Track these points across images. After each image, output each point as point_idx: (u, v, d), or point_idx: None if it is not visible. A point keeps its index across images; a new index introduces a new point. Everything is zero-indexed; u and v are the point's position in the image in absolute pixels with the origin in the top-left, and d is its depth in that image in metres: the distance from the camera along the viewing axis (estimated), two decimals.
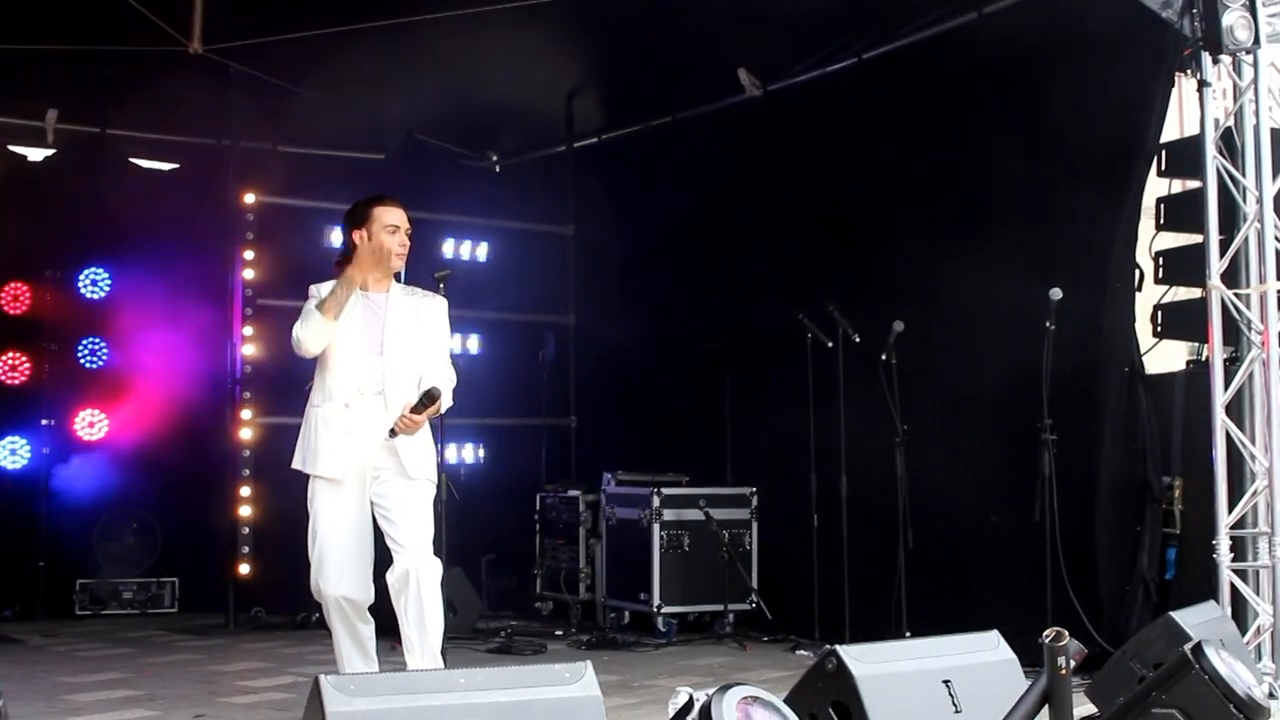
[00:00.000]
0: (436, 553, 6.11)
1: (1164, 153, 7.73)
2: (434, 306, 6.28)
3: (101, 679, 7.70)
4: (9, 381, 10.43)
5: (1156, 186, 7.87)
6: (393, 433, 6.00)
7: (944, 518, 8.33)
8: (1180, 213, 7.68)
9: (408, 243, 6.19)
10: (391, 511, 6.01)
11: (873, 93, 9.06)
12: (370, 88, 10.03)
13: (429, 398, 5.99)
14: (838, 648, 4.81)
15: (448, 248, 11.06)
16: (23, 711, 6.35)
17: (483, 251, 11.32)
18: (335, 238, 10.45)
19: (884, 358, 8.23)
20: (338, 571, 6.00)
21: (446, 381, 6.16)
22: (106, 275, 10.76)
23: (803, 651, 8.44)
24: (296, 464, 6.15)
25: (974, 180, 8.48)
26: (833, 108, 9.34)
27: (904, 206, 8.87)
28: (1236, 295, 7.16)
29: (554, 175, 11.52)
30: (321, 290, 6.11)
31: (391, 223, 6.14)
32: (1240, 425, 7.14)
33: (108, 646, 9.04)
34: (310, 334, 5.98)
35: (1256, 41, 7.08)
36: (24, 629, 9.75)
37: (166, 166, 11.11)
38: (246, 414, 10.02)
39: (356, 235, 6.13)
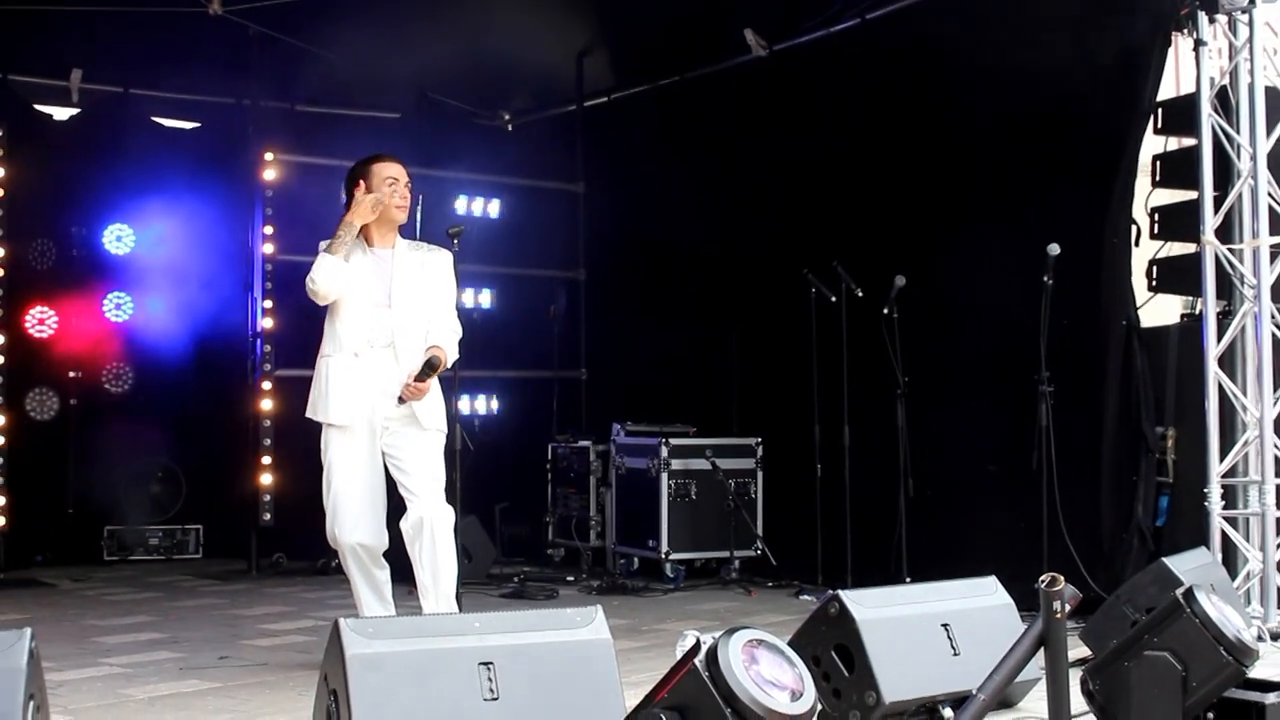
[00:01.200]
0: (451, 501, 6.14)
1: (1161, 111, 7.69)
2: (439, 260, 6.31)
3: (129, 622, 7.75)
4: (36, 335, 10.44)
5: (1153, 144, 7.85)
6: (401, 401, 6.05)
7: (943, 467, 8.37)
8: (1176, 170, 7.65)
9: (408, 195, 6.23)
10: (404, 461, 6.06)
11: (877, 52, 9.03)
12: (385, 48, 9.98)
13: (429, 367, 6.04)
14: (840, 593, 4.83)
15: (460, 204, 11.03)
16: (53, 653, 6.39)
17: (495, 208, 11.30)
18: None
19: (885, 312, 8.23)
20: (352, 519, 6.05)
21: (451, 334, 6.21)
22: (131, 232, 10.76)
23: (806, 596, 8.47)
24: (309, 412, 6.21)
25: (976, 137, 8.46)
26: (838, 67, 9.31)
27: (907, 163, 8.85)
28: (1230, 250, 7.16)
29: (565, 134, 11.49)
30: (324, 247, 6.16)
31: (390, 175, 6.18)
32: (1232, 377, 7.17)
33: (135, 591, 9.10)
34: (322, 275, 6.01)
35: (1252, 1, 7.05)
36: (54, 574, 9.82)
37: (188, 125, 11.10)
38: (266, 367, 10.02)
39: (357, 191, 6.18)
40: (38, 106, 10.54)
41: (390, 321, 6.12)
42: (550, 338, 11.09)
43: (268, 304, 10.05)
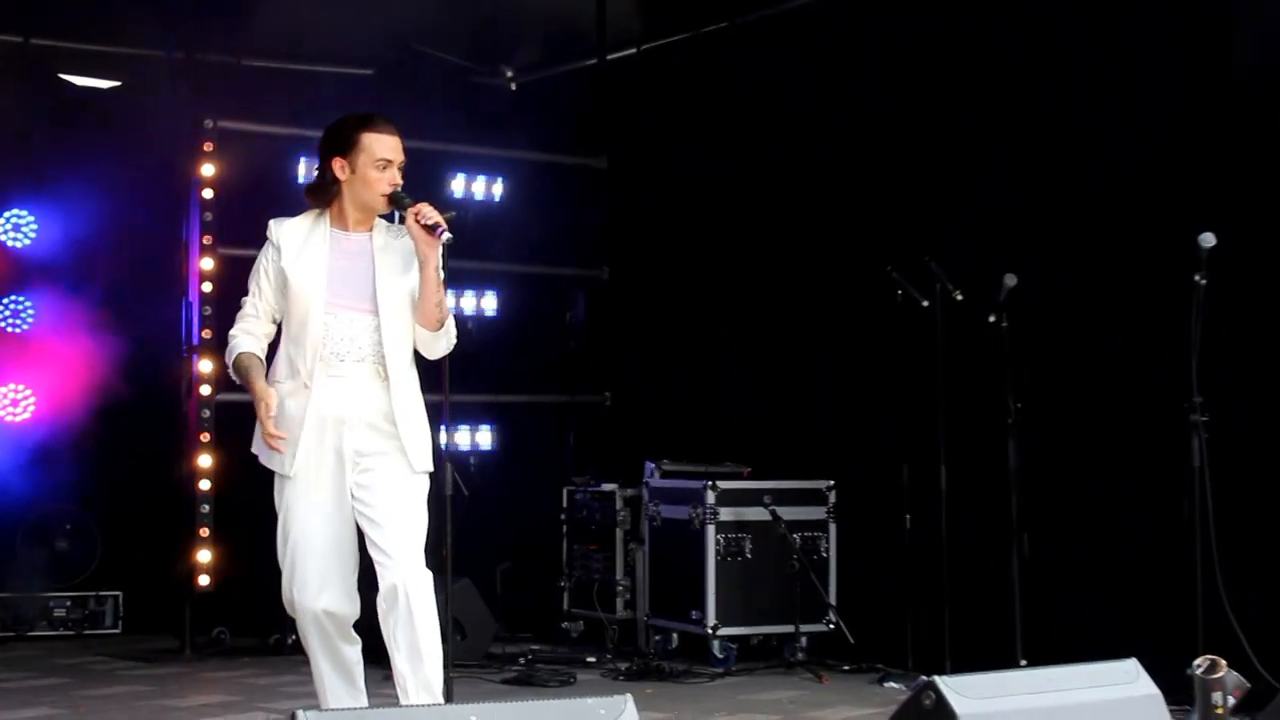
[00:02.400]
0: (438, 561, 6.11)
1: None
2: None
3: (26, 717, 7.74)
4: None
5: None
6: (432, 228, 5.89)
7: (1068, 517, 8.32)
8: None
9: (399, 181, 6.07)
10: (375, 510, 5.93)
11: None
12: None
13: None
14: (937, 679, 4.80)
15: (457, 185, 11.05)
16: None
17: (497, 190, 11.32)
18: (308, 170, 10.48)
19: (993, 319, 8.20)
20: (316, 579, 5.96)
21: (445, 341, 6.13)
22: (32, 219, 10.79)
23: (893, 684, 8.45)
24: (255, 450, 6.10)
25: (1106, 103, 8.42)
26: (926, 7, 9.29)
27: (1018, 135, 8.81)
28: None
29: (583, 95, 11.50)
30: (278, 236, 6.08)
31: (382, 155, 6.04)
32: None
33: (34, 676, 9.10)
34: (230, 364, 6.11)
35: None
36: None
37: (105, 84, 11.14)
38: (206, 389, 10.03)
39: (337, 165, 6.04)
40: None
41: (376, 329, 6.00)
42: (566, 353, 11.08)
43: (207, 310, 10.06)
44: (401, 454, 5.97)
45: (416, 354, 6.12)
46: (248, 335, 6.06)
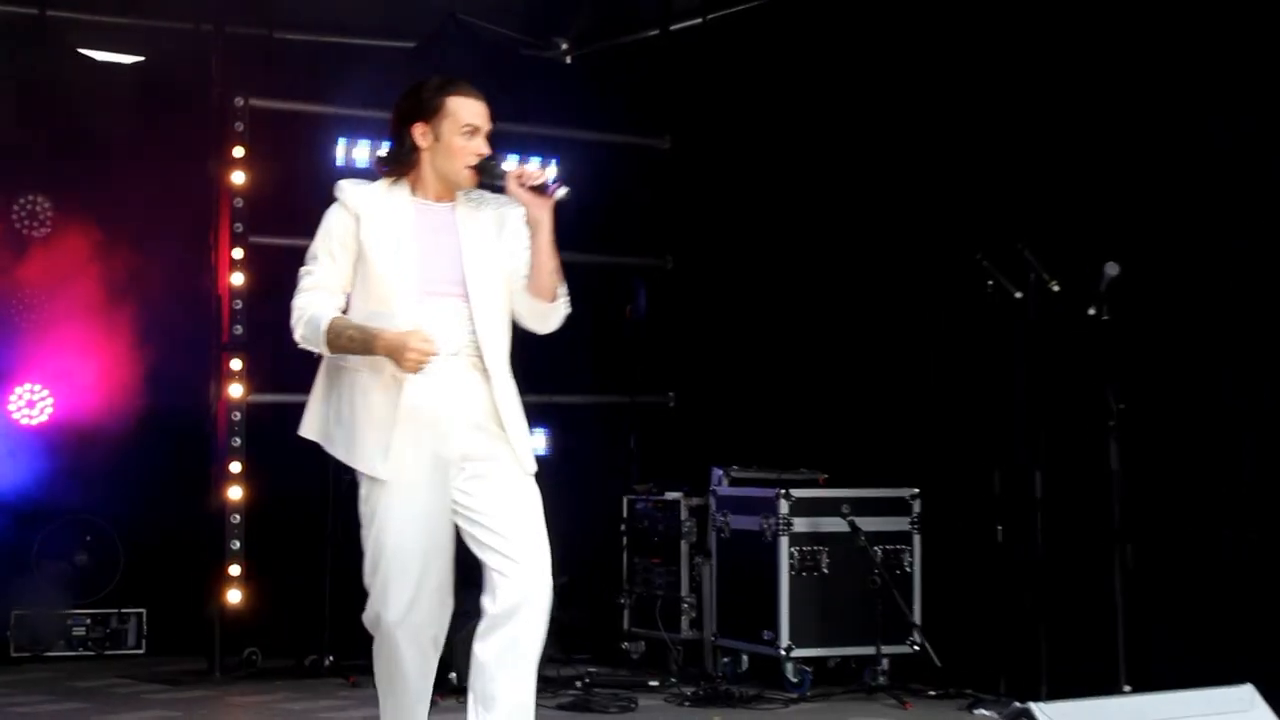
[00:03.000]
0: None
1: None
2: (516, 216, 5.98)
3: None
4: None
5: None
6: (541, 189, 5.76)
7: (1176, 527, 8.28)
8: None
9: (486, 150, 5.91)
10: (494, 518, 5.76)
11: None
12: None
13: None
14: (1033, 705, 4.78)
15: (506, 168, 11.05)
16: None
17: (550, 171, 11.32)
18: (359, 153, 10.52)
19: (1092, 312, 8.16)
20: (408, 597, 5.83)
21: (560, 313, 6.07)
22: (48, 205, 10.85)
23: (984, 711, 8.42)
24: (325, 443, 5.98)
25: (1219, 77, 8.37)
26: None
27: (1121, 109, 8.77)
28: None
29: (645, 69, 11.49)
30: (355, 200, 5.87)
31: (469, 121, 5.88)
32: None
33: (52, 700, 9.15)
34: (309, 336, 5.82)
35: None
36: None
37: (129, 60, 11.19)
38: (237, 389, 10.07)
39: (418, 132, 5.88)
40: None
41: (468, 317, 5.83)
42: (626, 349, 11.08)
43: (238, 304, 10.10)
44: (513, 456, 5.86)
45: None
46: (325, 305, 5.82)
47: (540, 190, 5.74)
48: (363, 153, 10.52)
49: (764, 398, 10.53)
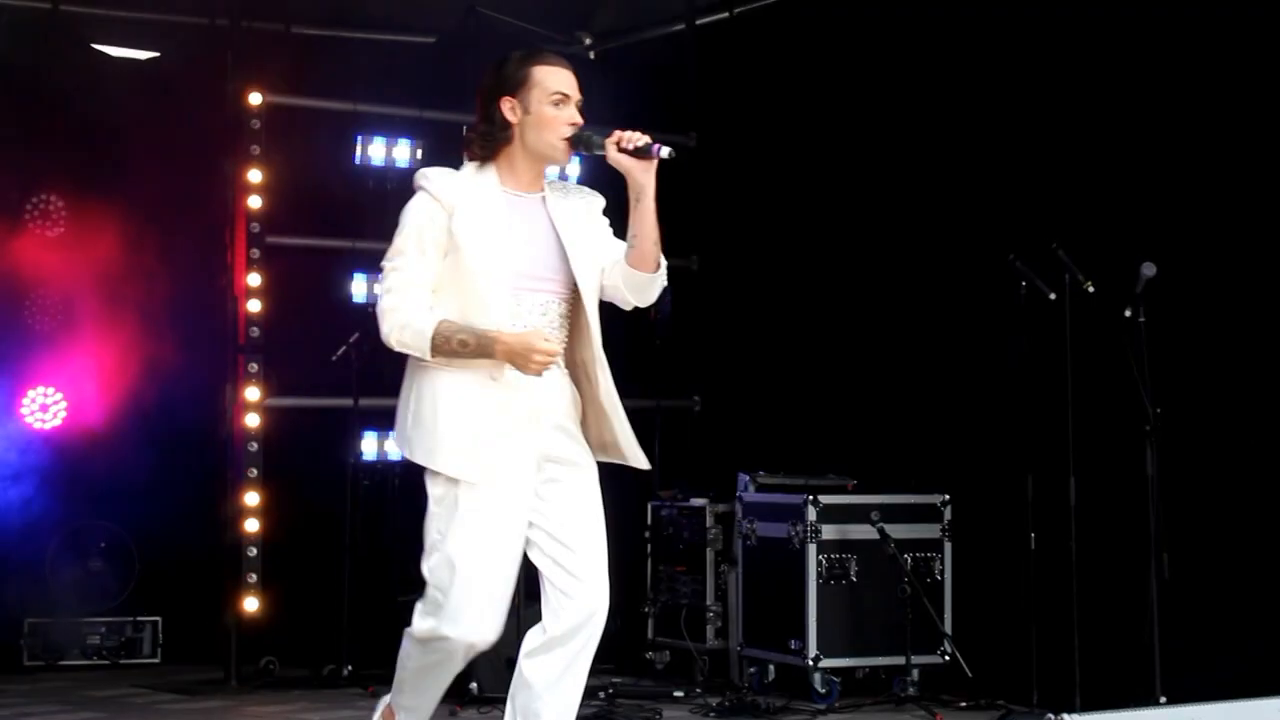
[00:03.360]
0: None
1: None
2: (600, 207, 5.95)
3: None
4: None
5: None
6: (643, 150, 5.69)
7: (1214, 535, 8.27)
8: None
9: (580, 122, 5.74)
10: (562, 526, 5.65)
11: None
12: None
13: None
14: (1066, 717, 4.78)
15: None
16: None
17: (573, 170, 11.32)
18: (373, 152, 10.54)
19: (1128, 314, 8.14)
20: (477, 609, 5.58)
21: (660, 283, 6.01)
22: (62, 205, 10.87)
23: None
24: (405, 448, 5.80)
25: (1258, 72, 8.35)
26: None
27: (1156, 105, 8.75)
28: None
29: (669, 64, 11.49)
30: (445, 190, 5.64)
31: (558, 89, 5.68)
32: None
33: (66, 710, 9.16)
34: (412, 343, 5.51)
35: None
36: None
37: (143, 55, 11.22)
38: (253, 392, 10.09)
39: (507, 106, 5.66)
40: None
41: (562, 313, 5.71)
42: (650, 351, 11.07)
43: (254, 306, 10.11)
44: (590, 463, 5.76)
45: None
46: (422, 308, 5.53)
47: (643, 153, 5.67)
48: (379, 150, 10.53)
49: (791, 401, 10.52)
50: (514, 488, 5.59)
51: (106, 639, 10.73)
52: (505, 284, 5.53)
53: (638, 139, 5.65)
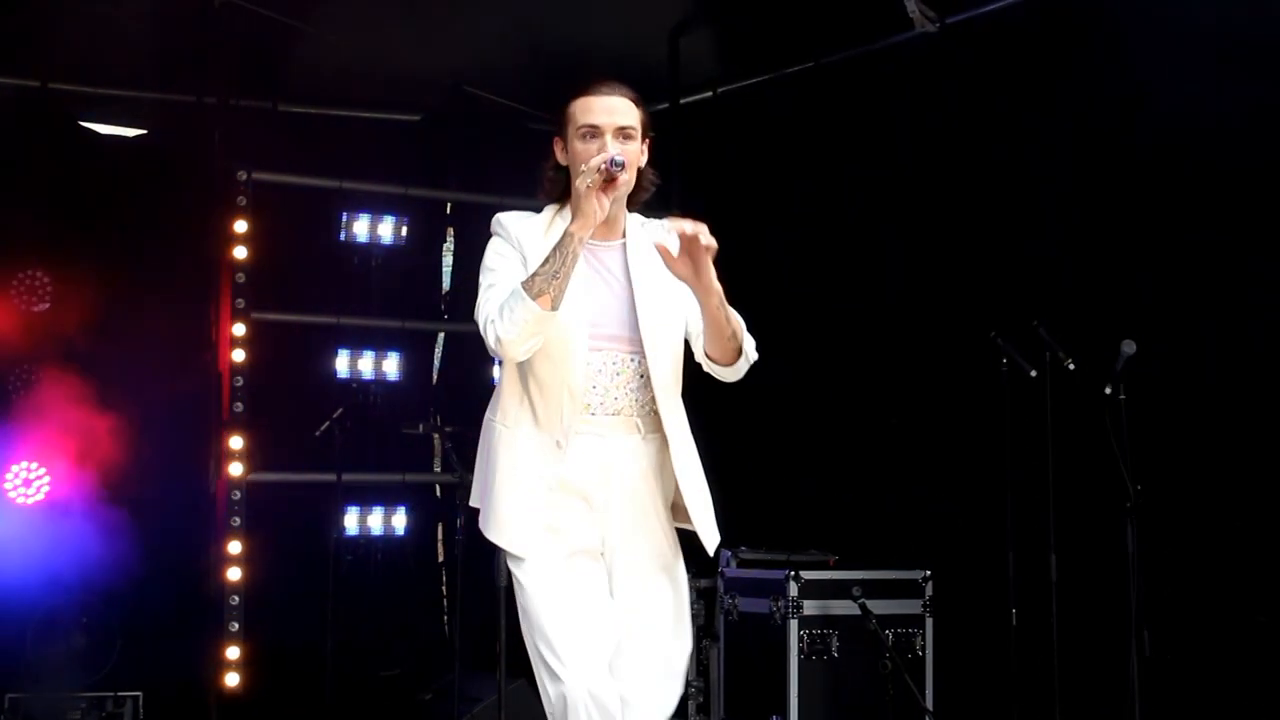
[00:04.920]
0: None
1: None
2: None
3: None
4: None
5: None
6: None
7: (1195, 612, 8.26)
8: None
9: (623, 155, 5.22)
10: (621, 625, 5.28)
11: (1090, 24, 9.00)
12: (405, 24, 10.07)
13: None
14: None
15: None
16: None
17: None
18: (357, 228, 10.57)
19: (1108, 391, 8.14)
20: (583, 659, 5.18)
21: (744, 365, 5.69)
22: (48, 281, 10.85)
23: None
24: (481, 523, 5.38)
25: (1246, 139, 8.39)
26: (1036, 44, 9.28)
27: (1135, 189, 8.78)
28: None
29: (654, 143, 11.50)
30: (516, 232, 5.32)
31: (586, 121, 5.28)
32: None
33: None
34: (520, 332, 4.99)
35: None
36: None
37: (130, 133, 11.23)
38: (237, 467, 10.07)
39: (558, 148, 5.37)
40: None
41: (635, 374, 5.29)
42: None
43: (238, 381, 10.11)
44: (659, 542, 5.41)
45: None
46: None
47: (608, 179, 5.13)
48: (364, 227, 10.56)
49: (773, 477, 10.51)
50: (576, 559, 5.25)
51: (88, 714, 10.64)
52: (580, 339, 5.17)
53: (690, 227, 5.14)
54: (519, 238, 5.29)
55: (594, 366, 5.20)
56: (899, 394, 9.93)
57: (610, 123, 5.28)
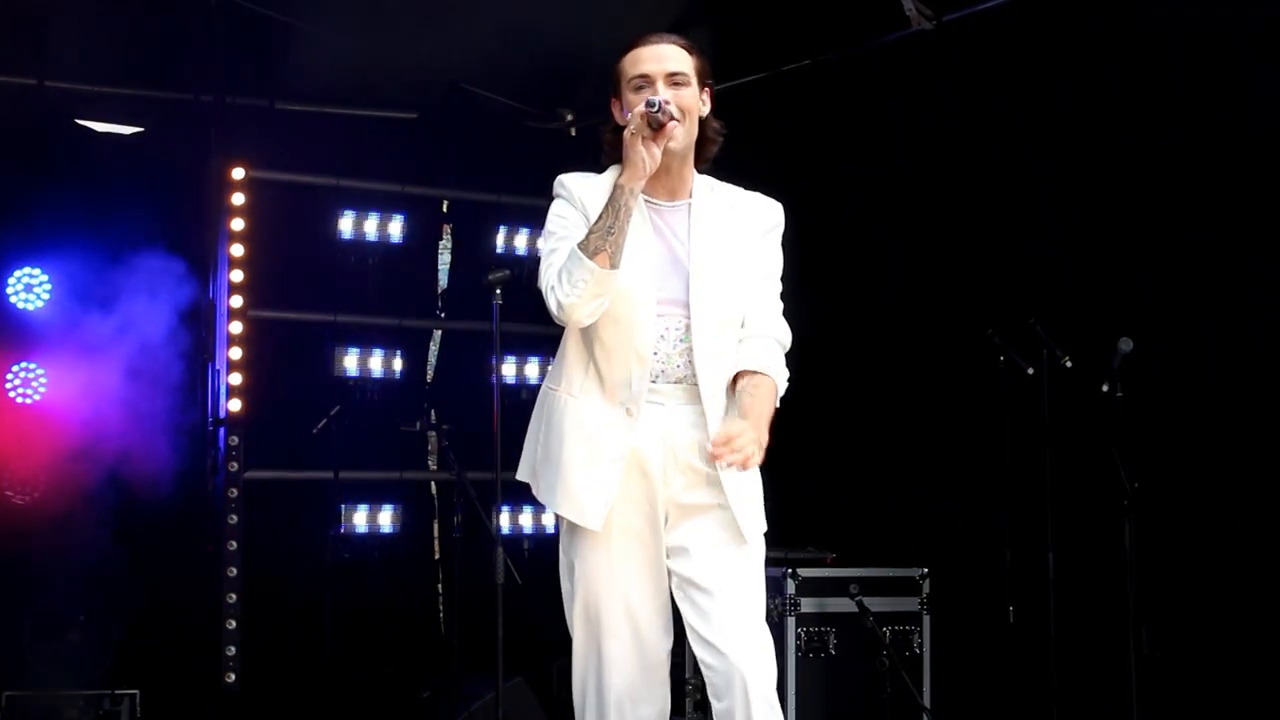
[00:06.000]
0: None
1: None
2: (760, 212, 5.39)
3: None
4: None
5: None
6: (712, 461, 4.97)
7: (1193, 610, 8.25)
8: None
9: (676, 101, 5.07)
10: (697, 587, 5.12)
11: (1088, 22, 8.99)
12: (402, 22, 10.06)
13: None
14: None
15: (502, 238, 11.07)
16: None
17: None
18: (355, 226, 10.56)
19: (1105, 389, 8.13)
20: (625, 664, 5.17)
21: (774, 344, 5.35)
22: (45, 279, 10.83)
23: None
24: (531, 482, 5.29)
25: (1247, 138, 8.38)
26: (1033, 43, 9.27)
27: (1136, 180, 8.77)
28: None
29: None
30: (578, 191, 5.17)
31: (637, 73, 5.12)
32: None
33: None
34: (582, 294, 4.84)
35: None
36: None
37: (127, 131, 11.21)
38: (233, 465, 10.06)
39: (615, 108, 5.18)
40: None
41: (686, 337, 5.07)
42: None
43: (235, 379, 10.10)
44: (725, 510, 5.18)
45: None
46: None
47: (654, 123, 4.91)
48: (361, 225, 10.54)
49: (770, 474, 10.47)
50: (640, 537, 5.14)
51: (84, 712, 10.61)
52: (648, 302, 5.01)
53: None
54: (581, 197, 5.12)
55: (655, 332, 5.04)
56: (897, 392, 9.91)
57: (660, 69, 5.10)
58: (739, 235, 5.21)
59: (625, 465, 5.05)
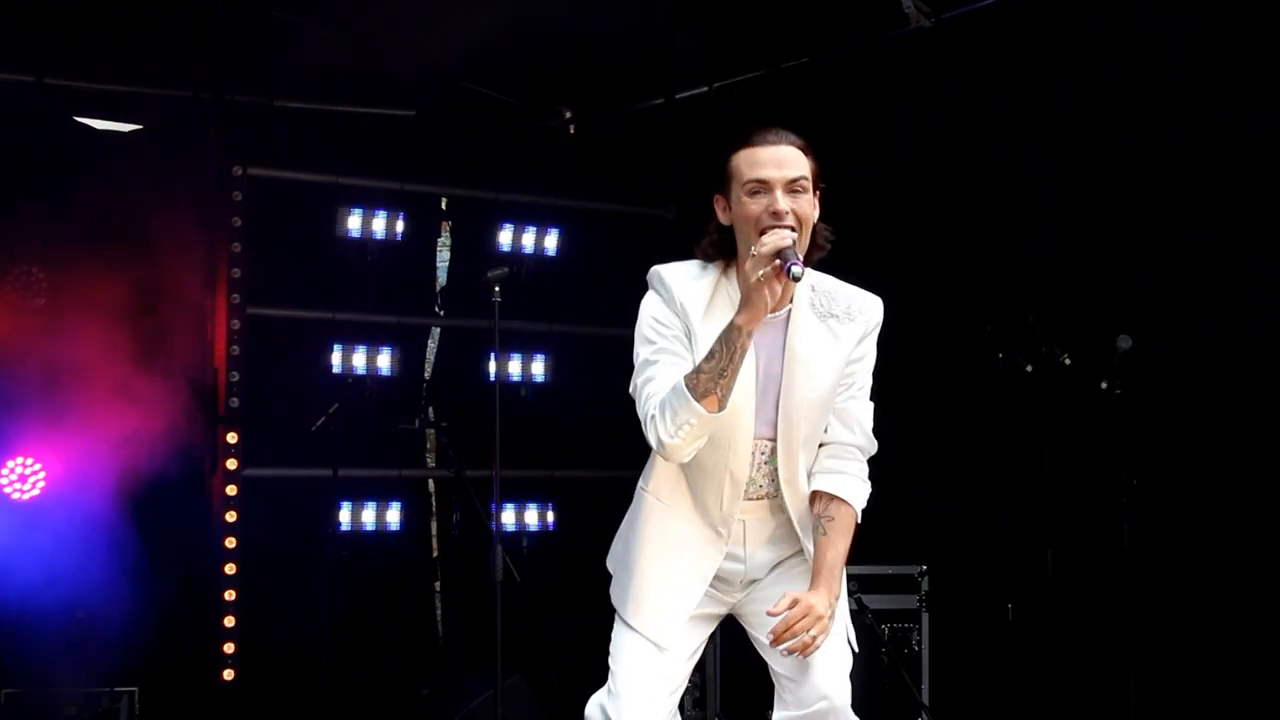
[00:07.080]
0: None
1: None
2: (858, 320, 5.29)
3: None
4: None
5: None
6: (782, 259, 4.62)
7: (1192, 606, 8.26)
8: None
9: (793, 211, 4.89)
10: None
11: (1087, 22, 8.99)
12: (401, 20, 10.06)
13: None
14: None
15: (505, 237, 11.07)
16: None
17: (552, 242, 11.32)
18: (353, 224, 10.56)
19: (1104, 386, 8.15)
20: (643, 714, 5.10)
21: (859, 465, 5.34)
22: (42, 276, 10.83)
23: None
24: (610, 568, 5.23)
25: (1247, 138, 8.39)
26: (1033, 42, 9.28)
27: (1135, 179, 8.78)
28: None
29: (649, 138, 11.50)
30: (680, 294, 4.90)
31: (754, 177, 4.83)
32: None
33: None
34: (686, 436, 4.61)
35: None
36: None
37: (126, 128, 11.20)
38: (232, 463, 10.06)
39: (719, 206, 4.95)
40: None
41: (770, 452, 4.92)
42: (627, 424, 11.05)
43: (234, 376, 10.10)
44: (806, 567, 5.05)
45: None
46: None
47: (781, 263, 4.64)
48: (360, 222, 10.54)
49: None
50: (692, 631, 5.14)
51: (83, 710, 10.63)
52: (748, 420, 4.81)
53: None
54: (683, 303, 4.87)
55: (750, 457, 4.89)
56: (896, 390, 9.91)
57: (780, 176, 4.86)
58: (835, 351, 5.07)
59: (702, 591, 5.00)
